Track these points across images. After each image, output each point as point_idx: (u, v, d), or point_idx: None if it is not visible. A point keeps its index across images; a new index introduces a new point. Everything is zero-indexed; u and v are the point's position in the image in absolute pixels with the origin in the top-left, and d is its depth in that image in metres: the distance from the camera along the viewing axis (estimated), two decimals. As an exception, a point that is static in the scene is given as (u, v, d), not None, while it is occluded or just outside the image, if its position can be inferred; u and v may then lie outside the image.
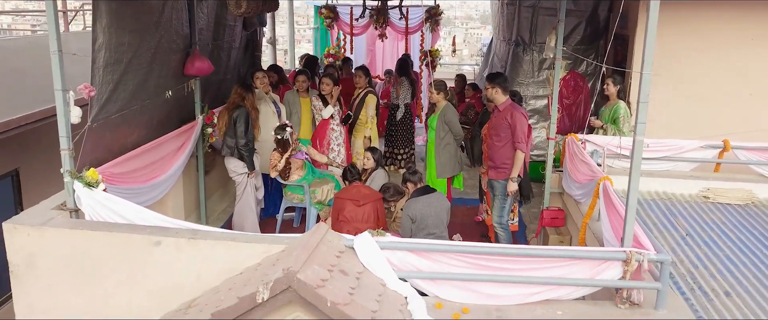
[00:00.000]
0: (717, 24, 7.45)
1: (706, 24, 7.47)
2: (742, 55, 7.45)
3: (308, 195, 6.76)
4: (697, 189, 6.81)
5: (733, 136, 7.08)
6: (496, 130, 6.08)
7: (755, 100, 7.51)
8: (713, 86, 7.59)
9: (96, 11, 4.74)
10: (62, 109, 4.34)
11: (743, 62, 7.48)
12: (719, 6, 7.27)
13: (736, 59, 7.48)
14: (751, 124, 7.47)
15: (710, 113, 7.64)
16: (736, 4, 7.26)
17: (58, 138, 4.50)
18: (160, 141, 5.93)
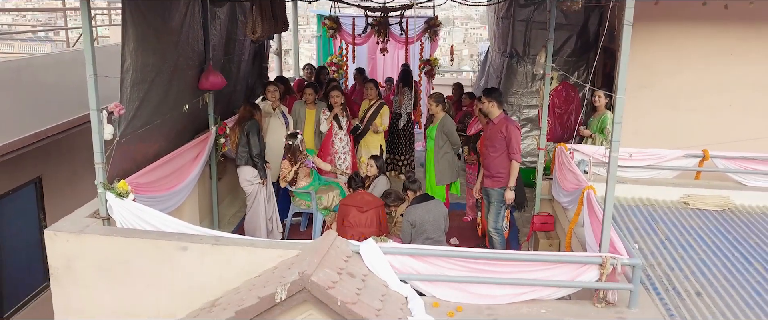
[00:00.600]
0: (698, 40, 7.92)
1: (688, 40, 7.93)
2: (721, 69, 7.92)
3: (315, 202, 7.25)
4: (678, 196, 7.30)
5: (712, 145, 7.56)
6: (492, 141, 6.55)
7: (734, 111, 7.98)
8: (695, 98, 8.06)
9: (124, 36, 5.22)
10: (97, 127, 4.81)
11: (722, 75, 7.94)
12: (700, 23, 7.74)
13: (716, 73, 7.94)
14: (731, 133, 7.94)
15: (692, 123, 8.11)
16: (715, 22, 7.72)
17: (78, 147, 4.96)
18: (179, 151, 6.41)
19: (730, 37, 7.80)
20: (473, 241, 7.63)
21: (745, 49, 7.87)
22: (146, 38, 5.48)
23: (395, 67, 12.80)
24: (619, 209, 7.01)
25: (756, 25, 7.67)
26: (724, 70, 7.96)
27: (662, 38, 8.00)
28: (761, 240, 6.35)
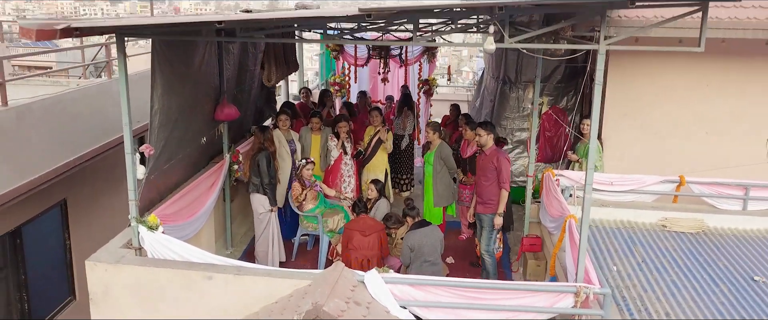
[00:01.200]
0: (677, 71, 8.52)
1: (668, 71, 8.53)
2: (698, 99, 8.53)
3: (321, 225, 7.86)
4: (656, 219, 7.90)
5: (690, 171, 8.18)
6: (484, 171, 7.17)
7: (710, 138, 8.58)
8: (674, 126, 8.67)
9: (153, 83, 5.82)
10: (131, 168, 5.41)
11: (699, 105, 8.55)
12: (678, 56, 8.33)
13: (693, 102, 8.55)
14: (707, 158, 8.55)
15: (672, 149, 8.72)
16: (692, 55, 8.31)
17: (99, 170, 5.54)
18: (198, 181, 7.02)
19: (707, 70, 8.40)
20: (468, 260, 8.24)
21: (720, 81, 8.47)
22: (171, 83, 6.08)
23: (395, 86, 13.41)
24: (600, 231, 7.63)
25: (730, 59, 8.26)
26: (701, 101, 8.56)
27: (644, 70, 8.60)
28: (729, 262, 6.96)
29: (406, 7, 4.51)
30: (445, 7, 5.28)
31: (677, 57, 8.42)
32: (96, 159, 8.33)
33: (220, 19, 4.55)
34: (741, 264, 6.91)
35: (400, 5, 4.38)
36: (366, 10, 4.20)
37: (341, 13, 4.34)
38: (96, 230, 8.91)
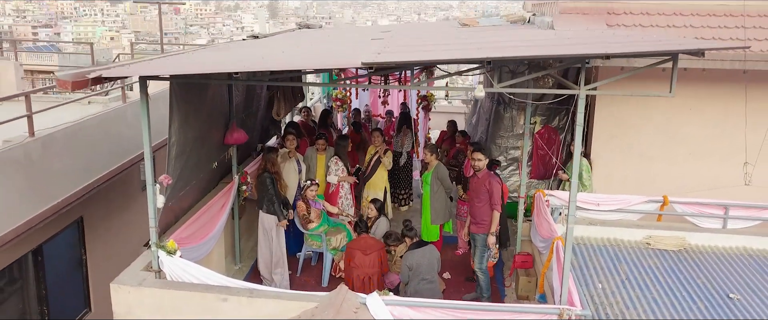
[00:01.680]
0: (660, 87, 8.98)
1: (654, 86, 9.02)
2: (680, 122, 9.01)
3: (325, 243, 8.34)
4: (641, 237, 8.38)
5: (673, 190, 8.66)
6: (477, 193, 7.65)
7: (692, 159, 9.07)
8: (659, 147, 9.15)
9: (171, 118, 6.28)
10: (151, 198, 5.88)
11: (681, 128, 9.04)
12: (661, 81, 8.79)
13: (676, 125, 9.03)
14: (689, 178, 9.04)
15: (657, 169, 9.21)
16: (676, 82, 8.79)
17: (112, 190, 5.99)
18: (210, 204, 7.49)
19: (689, 95, 8.87)
20: (464, 275, 8.72)
21: (701, 105, 8.95)
22: (187, 116, 6.55)
23: (395, 102, 13.88)
24: (588, 249, 8.11)
25: (710, 86, 8.74)
26: (684, 124, 9.04)
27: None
28: (707, 279, 7.45)
29: (404, 61, 4.97)
30: (440, 62, 5.75)
31: (662, 82, 8.88)
32: (111, 179, 8.80)
33: (237, 70, 5.02)
34: (718, 282, 7.40)
35: (399, 60, 4.84)
36: (368, 64, 4.68)
37: (347, 65, 4.81)
38: (110, 245, 9.40)
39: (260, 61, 5.32)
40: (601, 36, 6.06)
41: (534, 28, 8.77)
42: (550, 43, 5.75)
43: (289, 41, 8.59)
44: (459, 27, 10.19)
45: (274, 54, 6.32)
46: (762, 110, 8.36)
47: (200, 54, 6.39)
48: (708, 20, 8.17)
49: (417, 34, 8.12)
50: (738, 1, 8.12)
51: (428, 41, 7.03)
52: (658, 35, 6.28)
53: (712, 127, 8.88)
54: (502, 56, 4.61)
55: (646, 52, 4.60)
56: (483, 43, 5.54)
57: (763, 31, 8.00)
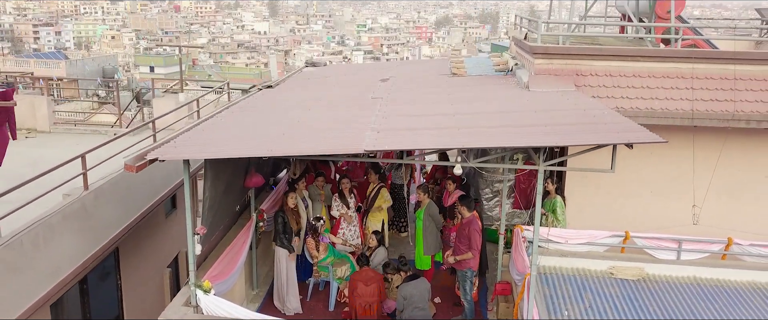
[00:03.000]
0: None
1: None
2: (642, 165, 10.28)
3: (331, 273, 9.65)
4: (605, 267, 9.67)
5: (637, 224, 9.94)
6: (460, 238, 8.95)
7: (653, 197, 10.34)
8: (624, 186, 10.42)
9: (205, 180, 7.55)
10: (192, 248, 7.16)
11: (643, 170, 10.30)
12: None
13: (638, 168, 10.30)
14: (651, 214, 10.31)
15: (623, 206, 10.48)
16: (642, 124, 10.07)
17: (144, 225, 7.17)
18: (234, 243, 8.77)
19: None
20: (452, 301, 10.02)
21: (660, 151, 10.20)
22: (217, 174, 7.81)
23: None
24: (557, 278, 9.40)
25: (666, 134, 9.98)
26: (646, 166, 10.31)
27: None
28: (661, 307, 8.74)
29: (399, 148, 6.25)
30: (429, 149, 7.04)
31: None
32: (145, 215, 10.08)
33: (265, 154, 6.30)
34: (671, 309, 8.69)
35: (394, 148, 6.12)
36: (371, 151, 5.96)
37: (351, 151, 6.09)
38: (140, 269, 10.68)
39: (283, 145, 6.56)
40: (559, 115, 7.34)
41: (512, 86, 10.02)
42: (519, 117, 7.04)
43: (301, 95, 9.87)
44: (450, 76, 11.46)
45: (292, 123, 7.59)
46: (709, 158, 9.62)
47: (229, 128, 7.63)
48: (662, 81, 9.44)
49: (412, 96, 9.35)
50: (687, 64, 9.40)
51: (421, 106, 8.30)
52: (612, 115, 7.53)
53: (668, 171, 10.14)
54: (474, 146, 5.89)
55: (589, 144, 5.85)
56: (462, 124, 6.82)
57: (708, 91, 9.27)
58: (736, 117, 9.02)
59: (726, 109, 9.07)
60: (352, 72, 13.54)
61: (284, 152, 6.32)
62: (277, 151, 6.42)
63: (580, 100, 8.38)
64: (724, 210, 9.95)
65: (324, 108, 8.77)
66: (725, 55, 9.48)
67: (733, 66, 9.38)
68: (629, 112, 9.22)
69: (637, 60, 9.59)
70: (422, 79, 11.33)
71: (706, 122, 9.11)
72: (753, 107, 9.06)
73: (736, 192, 9.96)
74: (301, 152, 6.51)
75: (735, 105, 9.06)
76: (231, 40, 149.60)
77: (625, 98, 9.32)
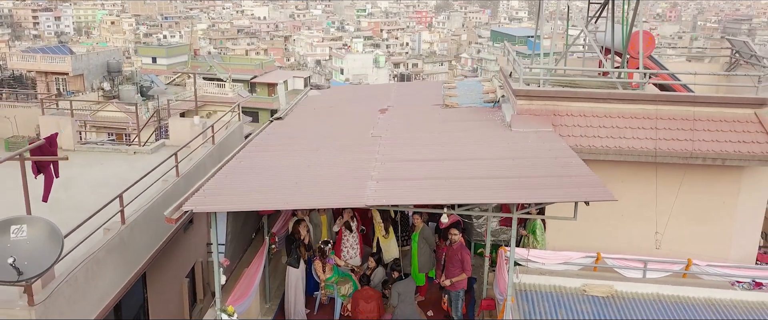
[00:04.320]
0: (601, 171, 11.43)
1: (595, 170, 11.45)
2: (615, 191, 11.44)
3: (336, 290, 10.90)
4: (578, 284, 10.93)
5: (610, 243, 11.15)
6: (452, 261, 10.19)
7: (624, 221, 11.54)
8: (597, 211, 11.57)
9: (228, 215, 8.75)
10: (217, 279, 8.38)
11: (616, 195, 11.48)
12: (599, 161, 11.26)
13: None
14: (622, 236, 11.53)
15: (596, 229, 11.68)
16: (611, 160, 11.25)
17: (167, 251, 8.35)
18: (251, 266, 9.99)
19: (620, 172, 11.29)
20: (443, 314, 11.29)
21: (631, 180, 11.39)
22: (238, 213, 9.03)
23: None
24: (536, 295, 10.65)
25: (636, 168, 11.18)
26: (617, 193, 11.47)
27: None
28: None
29: (397, 204, 7.45)
30: (421, 206, 8.24)
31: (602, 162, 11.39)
32: (170, 239, 11.30)
33: (285, 208, 7.48)
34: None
35: (395, 203, 7.33)
36: (371, 206, 7.17)
37: (355, 205, 7.29)
38: (164, 285, 11.91)
39: (298, 199, 7.75)
40: (534, 165, 8.53)
41: (497, 124, 11.17)
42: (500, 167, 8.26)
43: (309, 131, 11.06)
44: (443, 107, 12.62)
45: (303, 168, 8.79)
46: (671, 187, 10.82)
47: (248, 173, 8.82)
48: (629, 121, 10.60)
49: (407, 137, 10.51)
50: (652, 106, 10.56)
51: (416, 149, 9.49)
52: (578, 167, 8.71)
53: (636, 197, 11.33)
54: (461, 202, 7.11)
55: (555, 201, 7.05)
56: (451, 174, 8.03)
57: (669, 131, 10.44)
58: (694, 155, 10.20)
59: (685, 147, 10.24)
60: (352, 99, 14.65)
61: (299, 205, 7.53)
62: (292, 205, 7.62)
63: (554, 145, 9.56)
64: (685, 234, 11.15)
65: (330, 149, 9.95)
66: (685, 98, 10.65)
67: (692, 108, 10.54)
68: (600, 150, 10.42)
69: (608, 102, 10.75)
70: (417, 111, 12.48)
71: (668, 159, 10.29)
72: (709, 146, 10.23)
73: (696, 218, 11.17)
74: (312, 206, 7.72)
75: (693, 144, 10.23)
76: (231, 26, 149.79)
77: (596, 137, 10.50)
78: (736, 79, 13.92)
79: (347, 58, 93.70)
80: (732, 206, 11.07)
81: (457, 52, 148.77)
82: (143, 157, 14.75)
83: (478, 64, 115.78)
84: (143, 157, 14.75)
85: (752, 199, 11.22)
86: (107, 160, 14.71)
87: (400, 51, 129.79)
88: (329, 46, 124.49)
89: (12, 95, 46.14)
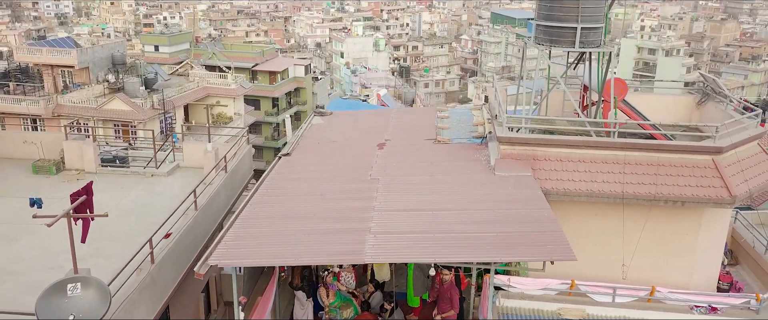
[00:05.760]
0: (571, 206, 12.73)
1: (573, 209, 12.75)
2: (591, 225, 12.77)
3: (338, 314, 12.27)
4: (555, 308, 12.30)
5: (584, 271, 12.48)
6: (443, 298, 11.50)
7: (596, 252, 12.85)
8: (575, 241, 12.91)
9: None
10: (237, 315, 9.72)
11: (592, 229, 12.80)
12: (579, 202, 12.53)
13: (588, 227, 12.78)
14: (595, 265, 12.85)
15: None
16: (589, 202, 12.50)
17: (189, 283, 9.74)
18: (265, 295, 11.31)
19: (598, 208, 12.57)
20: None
21: (602, 216, 12.66)
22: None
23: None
24: (516, 318, 12.03)
25: (607, 206, 12.43)
26: (593, 226, 12.80)
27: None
28: (590, 346, 11.40)
29: (393, 260, 8.74)
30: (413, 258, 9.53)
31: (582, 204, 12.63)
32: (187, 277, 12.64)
33: (294, 264, 8.79)
34: (600, 348, 11.35)
35: (390, 260, 8.62)
36: (370, 262, 8.47)
37: (356, 262, 8.59)
38: (184, 301, 13.29)
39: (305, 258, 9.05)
40: (509, 220, 9.81)
41: (483, 166, 12.42)
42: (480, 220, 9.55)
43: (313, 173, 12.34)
44: (435, 142, 13.88)
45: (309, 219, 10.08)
46: (637, 223, 12.12)
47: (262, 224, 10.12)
48: (599, 166, 11.86)
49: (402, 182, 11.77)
50: (621, 152, 11.82)
51: (409, 198, 10.78)
52: (549, 222, 9.97)
53: (608, 231, 12.64)
54: (445, 261, 8.43)
55: (526, 259, 8.36)
56: (439, 227, 9.33)
57: (636, 175, 11.71)
58: (657, 198, 11.49)
59: (649, 191, 11.52)
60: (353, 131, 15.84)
61: (307, 262, 8.82)
62: (301, 261, 8.93)
63: (531, 193, 10.83)
64: (651, 264, 12.49)
65: (333, 194, 11.24)
66: (650, 145, 11.90)
67: (656, 154, 11.80)
68: (574, 193, 11.71)
69: (582, 148, 12.00)
70: (411, 149, 13.70)
71: (634, 202, 11.58)
72: (670, 190, 11.51)
73: (660, 250, 12.49)
74: (319, 263, 9.02)
75: (657, 188, 11.51)
76: (230, 6, 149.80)
77: (570, 181, 11.78)
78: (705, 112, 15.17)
79: (347, 41, 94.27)
80: (693, 240, 12.39)
81: (457, 33, 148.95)
82: (160, 180, 16.01)
83: (479, 46, 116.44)
84: (160, 180, 16.01)
85: (712, 234, 12.56)
86: (127, 183, 15.94)
87: (400, 32, 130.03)
88: (329, 27, 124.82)
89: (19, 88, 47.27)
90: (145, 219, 13.33)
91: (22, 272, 11.32)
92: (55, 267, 11.16)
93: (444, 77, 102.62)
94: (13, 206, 14.07)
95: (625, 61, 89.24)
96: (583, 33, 12.52)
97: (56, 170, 16.36)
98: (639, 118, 13.54)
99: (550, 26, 12.88)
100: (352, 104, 30.66)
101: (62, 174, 16.32)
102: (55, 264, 11.21)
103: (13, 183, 15.63)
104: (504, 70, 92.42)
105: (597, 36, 12.91)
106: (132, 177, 16.41)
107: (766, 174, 12.27)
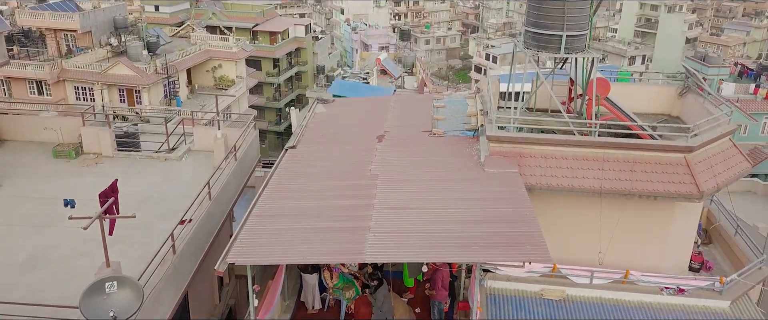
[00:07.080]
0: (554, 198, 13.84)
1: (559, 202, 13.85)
2: (576, 212, 13.91)
3: (342, 295, 13.56)
4: (537, 289, 13.60)
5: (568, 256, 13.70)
6: (434, 280, 12.73)
7: (576, 238, 14.02)
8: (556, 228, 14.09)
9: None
10: (252, 302, 10.96)
11: (577, 217, 13.94)
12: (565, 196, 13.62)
13: (573, 215, 13.92)
14: (575, 250, 14.05)
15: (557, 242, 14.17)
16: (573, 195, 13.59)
17: (205, 267, 11.02)
18: (276, 278, 12.53)
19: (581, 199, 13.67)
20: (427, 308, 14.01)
21: (584, 205, 13.78)
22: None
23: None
24: (504, 299, 13.34)
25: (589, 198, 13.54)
26: (578, 214, 13.93)
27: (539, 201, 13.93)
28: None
29: (392, 260, 9.91)
30: (410, 259, 10.68)
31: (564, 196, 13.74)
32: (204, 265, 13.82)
33: (302, 263, 9.97)
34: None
35: (389, 260, 9.78)
36: (370, 262, 9.67)
37: (358, 260, 9.77)
38: (201, 285, 14.57)
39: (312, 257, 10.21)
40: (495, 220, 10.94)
41: (474, 161, 13.46)
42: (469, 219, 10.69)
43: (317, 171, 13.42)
44: (430, 134, 14.91)
45: (313, 217, 11.23)
46: (614, 213, 13.25)
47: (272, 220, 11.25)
48: (580, 163, 12.91)
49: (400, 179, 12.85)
50: (600, 150, 12.86)
51: (406, 196, 11.90)
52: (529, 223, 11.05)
53: (586, 220, 13.78)
54: (437, 260, 9.59)
55: (506, 259, 9.52)
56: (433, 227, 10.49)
57: (613, 172, 12.77)
58: (632, 193, 12.60)
59: (625, 187, 12.62)
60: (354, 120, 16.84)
61: (313, 261, 10.01)
62: (308, 260, 10.11)
63: (516, 193, 11.92)
64: (626, 250, 13.68)
65: (335, 191, 12.34)
66: (627, 145, 12.92)
67: (632, 152, 12.84)
68: (556, 188, 12.81)
69: (565, 146, 13.03)
70: (409, 142, 14.70)
71: (611, 196, 12.69)
72: (644, 186, 12.60)
73: (635, 237, 13.67)
74: (323, 261, 10.19)
75: (632, 184, 12.60)
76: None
77: (554, 176, 12.86)
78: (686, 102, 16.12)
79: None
80: (665, 230, 13.57)
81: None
82: (174, 165, 17.08)
83: (480, 1, 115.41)
84: (174, 165, 17.08)
85: (684, 224, 13.73)
86: (142, 167, 16.99)
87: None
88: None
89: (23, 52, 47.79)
90: (162, 206, 14.47)
91: (56, 259, 12.50)
92: (85, 254, 12.36)
93: (445, 34, 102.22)
94: (40, 191, 15.17)
95: (626, 17, 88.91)
96: (569, 40, 13.39)
97: (75, 154, 17.41)
98: (621, 115, 14.51)
99: (538, 33, 13.74)
100: (353, 86, 31.52)
101: (81, 159, 17.36)
102: (86, 251, 12.37)
103: (37, 168, 16.71)
104: (505, 27, 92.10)
105: (581, 42, 13.76)
106: (147, 160, 17.47)
107: (734, 169, 13.34)
